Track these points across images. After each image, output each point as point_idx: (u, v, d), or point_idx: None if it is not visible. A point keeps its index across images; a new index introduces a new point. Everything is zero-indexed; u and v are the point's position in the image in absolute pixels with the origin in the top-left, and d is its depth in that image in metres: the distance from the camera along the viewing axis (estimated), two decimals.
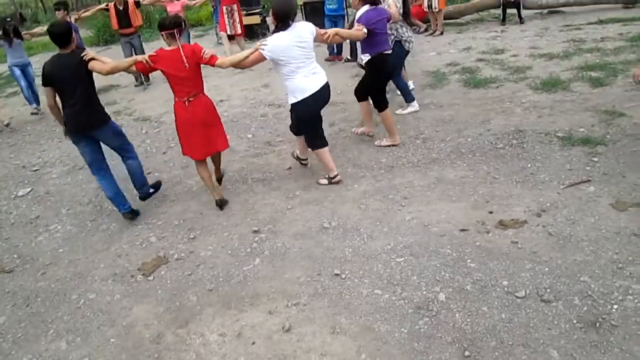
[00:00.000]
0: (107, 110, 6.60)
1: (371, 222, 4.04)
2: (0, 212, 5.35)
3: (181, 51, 4.03)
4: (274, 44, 4.10)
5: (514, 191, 4.20)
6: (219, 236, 4.20)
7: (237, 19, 9.59)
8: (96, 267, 4.08)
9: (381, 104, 5.23)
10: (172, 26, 4.05)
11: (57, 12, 8.88)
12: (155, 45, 11.38)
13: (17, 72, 8.38)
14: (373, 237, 3.84)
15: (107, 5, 9.11)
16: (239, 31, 9.66)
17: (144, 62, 4.05)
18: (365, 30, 4.73)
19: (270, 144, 5.90)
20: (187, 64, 4.05)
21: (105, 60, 4.12)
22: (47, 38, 9.54)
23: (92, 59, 4.05)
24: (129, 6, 8.93)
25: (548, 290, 3.04)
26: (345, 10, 9.50)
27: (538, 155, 4.72)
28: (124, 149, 4.57)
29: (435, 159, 4.97)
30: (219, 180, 4.92)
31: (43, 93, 7.62)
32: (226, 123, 6.60)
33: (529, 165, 4.58)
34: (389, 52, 5.06)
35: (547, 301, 2.96)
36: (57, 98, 4.25)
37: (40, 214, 5.19)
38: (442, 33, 9.89)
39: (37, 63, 12.94)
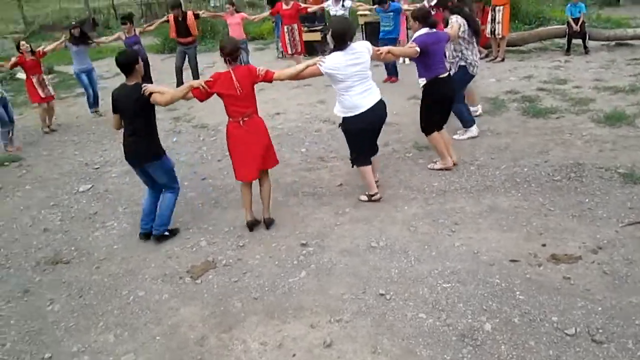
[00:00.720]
0: (168, 115, 6.86)
1: (419, 245, 4.01)
2: (62, 206, 5.62)
3: (232, 75, 4.12)
4: (332, 61, 4.22)
5: (569, 225, 4.08)
6: (267, 246, 4.26)
7: (298, 38, 9.84)
8: (147, 266, 4.21)
9: (429, 129, 5.19)
10: (229, 54, 4.15)
11: (123, 26, 9.34)
12: (214, 54, 11.69)
13: (84, 78, 8.89)
14: (420, 260, 3.81)
15: (168, 17, 9.57)
16: (299, 50, 9.91)
17: (200, 87, 4.15)
18: (417, 48, 4.75)
19: (323, 159, 5.96)
20: (239, 88, 4.12)
21: (164, 91, 4.26)
22: (115, 44, 10.02)
23: (151, 93, 4.17)
24: (188, 17, 9.36)
25: (600, 330, 2.93)
26: (406, 32, 9.55)
27: (597, 191, 4.57)
28: (169, 185, 4.60)
29: (489, 186, 4.89)
30: (267, 224, 4.59)
31: (101, 96, 7.98)
32: (280, 136, 6.77)
33: (587, 200, 4.44)
34: (445, 75, 5.05)
35: (599, 342, 2.85)
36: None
37: (98, 210, 5.41)
38: (503, 60, 9.75)
39: (107, 66, 13.61)
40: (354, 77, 4.28)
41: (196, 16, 9.66)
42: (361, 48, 4.31)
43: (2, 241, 4.98)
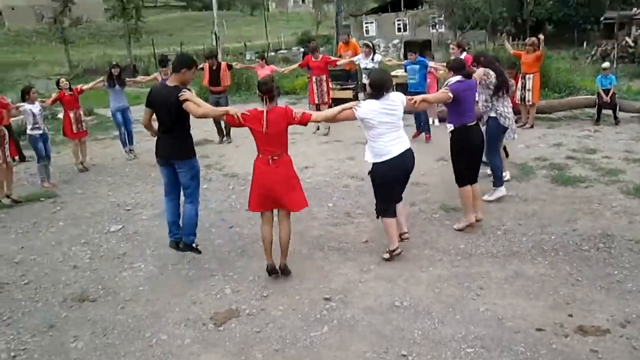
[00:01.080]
0: (199, 162, 7.05)
1: (444, 307, 3.99)
2: (92, 244, 5.75)
3: (264, 115, 4.25)
4: (367, 107, 4.43)
5: (597, 297, 4.03)
6: (291, 298, 4.28)
7: (325, 89, 10.07)
8: (171, 310, 4.26)
9: (462, 180, 5.26)
10: (265, 92, 4.32)
11: (162, 68, 9.74)
12: (248, 105, 12.07)
13: (119, 117, 9.25)
14: (444, 323, 3.78)
15: (204, 65, 9.93)
16: (327, 100, 10.11)
17: (235, 116, 4.31)
18: (450, 94, 4.91)
19: (349, 215, 6.03)
20: (265, 127, 4.23)
21: (200, 103, 4.48)
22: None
23: (187, 100, 4.37)
24: (222, 68, 9.80)
25: None
26: (436, 83, 9.68)
27: (626, 263, 4.52)
28: (190, 192, 4.77)
29: (515, 252, 4.88)
30: (284, 271, 4.62)
31: (136, 140, 8.25)
32: (308, 190, 6.83)
33: (616, 272, 4.39)
34: (473, 123, 5.17)
35: None
36: (154, 119, 4.74)
37: (127, 251, 5.53)
38: (532, 126, 9.83)
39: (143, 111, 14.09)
40: (387, 125, 4.44)
41: (229, 67, 10.07)
42: (396, 99, 4.51)
43: (32, 275, 5.11)
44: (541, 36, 9.80)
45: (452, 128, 5.19)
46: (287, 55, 35.11)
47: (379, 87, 4.42)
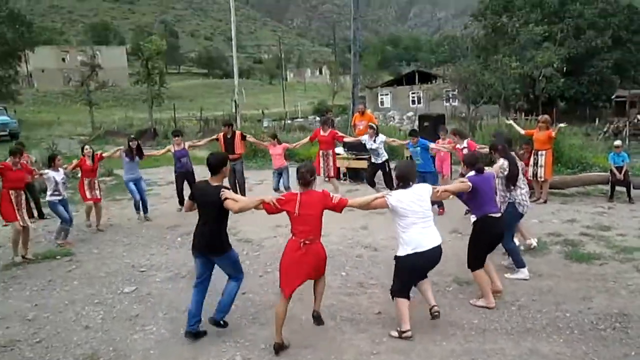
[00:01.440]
0: None
1: None
2: (105, 305, 5.79)
3: (298, 197, 4.48)
4: (399, 197, 4.60)
5: None
6: None
7: (332, 163, 10.32)
8: None
9: (476, 265, 5.29)
10: (299, 178, 4.60)
11: (174, 139, 10.04)
12: (264, 172, 12.41)
13: (132, 186, 9.46)
14: None
15: (218, 136, 10.30)
16: (332, 174, 10.37)
17: (271, 203, 4.49)
18: (470, 183, 5.08)
19: (362, 285, 6.02)
20: (297, 210, 4.43)
21: (238, 199, 4.73)
22: (169, 154, 10.64)
23: (227, 198, 4.60)
24: (236, 136, 10.10)
25: None
26: (450, 168, 9.88)
27: None
28: (236, 277, 4.98)
29: (529, 329, 4.82)
30: (316, 319, 4.92)
31: (152, 203, 8.41)
32: None
33: (633, 353, 4.32)
34: (496, 215, 5.27)
35: None
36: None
37: (140, 312, 5.55)
38: (545, 201, 9.88)
39: (162, 174, 14.43)
40: (417, 214, 4.57)
41: (243, 137, 10.34)
42: (423, 189, 4.72)
43: (44, 333, 5.13)
44: (561, 125, 10.16)
45: (475, 219, 5.36)
46: (304, 123, 35.97)
47: (405, 178, 4.67)
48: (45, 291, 6.29)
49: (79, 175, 9.38)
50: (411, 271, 4.69)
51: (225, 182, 4.90)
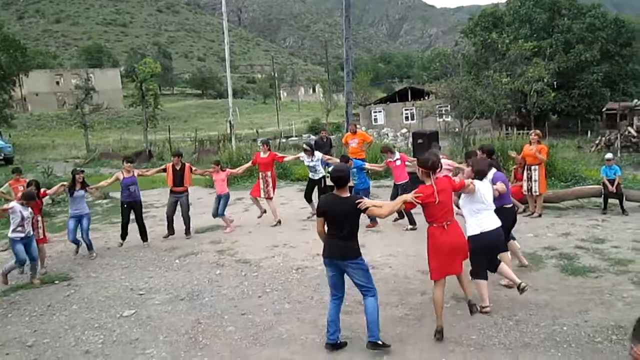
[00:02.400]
0: (212, 247, 7.21)
1: None
2: (105, 329, 5.79)
3: (434, 186, 4.94)
4: (479, 185, 5.52)
5: None
6: None
7: (271, 184, 10.45)
8: None
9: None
10: (430, 167, 5.01)
11: (125, 165, 9.38)
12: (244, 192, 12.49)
13: (71, 224, 8.67)
14: None
15: (166, 166, 9.95)
16: (271, 195, 10.49)
17: (413, 201, 4.89)
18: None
19: (361, 303, 5.98)
20: (437, 198, 4.90)
21: (380, 204, 5.11)
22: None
23: (367, 207, 4.83)
24: (185, 168, 9.75)
25: None
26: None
27: None
28: (369, 287, 4.96)
29: (527, 343, 4.87)
30: (471, 307, 5.25)
31: (149, 224, 8.38)
32: (320, 277, 6.93)
33: None
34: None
35: None
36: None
37: (139, 336, 5.56)
38: (540, 215, 9.97)
39: (158, 195, 14.46)
40: (487, 202, 5.54)
41: (191, 170, 9.98)
42: (489, 185, 5.72)
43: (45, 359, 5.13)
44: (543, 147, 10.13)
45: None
46: (298, 142, 36.13)
47: (482, 172, 5.68)
48: (45, 316, 6.29)
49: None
50: (482, 249, 5.44)
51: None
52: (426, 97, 36.61)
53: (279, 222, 10.39)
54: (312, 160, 10.53)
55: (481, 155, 6.66)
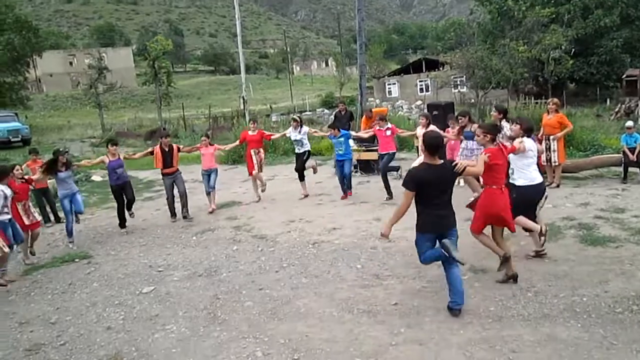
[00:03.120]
0: (228, 224, 7.19)
1: None
2: (125, 305, 5.88)
3: (503, 149, 5.42)
4: (528, 143, 5.96)
5: None
6: None
7: (260, 160, 10.53)
8: None
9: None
10: (495, 133, 5.58)
11: (110, 148, 9.13)
12: (275, 168, 12.36)
13: (67, 205, 8.55)
14: None
15: (153, 149, 9.70)
16: (261, 170, 10.63)
17: (486, 163, 5.17)
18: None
19: (378, 277, 6.05)
20: (506, 159, 5.45)
21: (473, 163, 5.31)
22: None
23: (464, 167, 4.95)
24: (173, 150, 9.58)
25: None
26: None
27: None
28: (451, 261, 4.89)
29: (547, 314, 4.83)
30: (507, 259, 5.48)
31: (162, 203, 8.38)
32: (337, 251, 6.97)
33: None
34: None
35: None
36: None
37: (159, 312, 5.63)
38: (558, 186, 9.82)
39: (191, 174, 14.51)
40: (534, 157, 6.07)
41: (178, 149, 9.81)
42: (531, 140, 6.11)
43: (68, 336, 5.23)
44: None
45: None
46: (312, 116, 35.96)
47: (530, 129, 6.15)
48: (66, 294, 6.40)
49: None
50: (525, 199, 5.85)
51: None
52: (441, 68, 36.17)
53: (261, 191, 10.69)
54: (299, 134, 10.53)
55: (497, 116, 6.82)
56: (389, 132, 9.76)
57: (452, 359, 4.17)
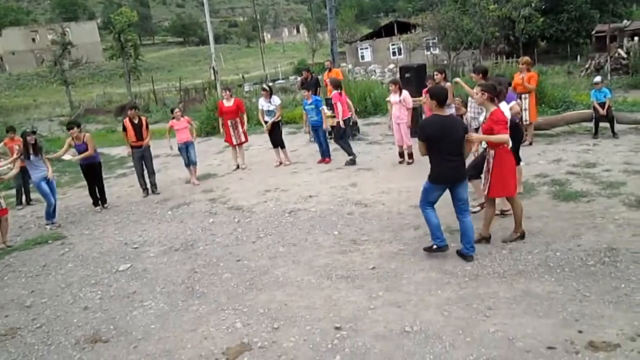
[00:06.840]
0: (204, 196, 7.04)
1: (453, 330, 4.01)
2: (102, 284, 5.80)
3: (507, 114, 5.48)
4: (503, 108, 5.68)
5: (605, 312, 4.05)
6: (302, 329, 4.31)
7: (241, 130, 10.46)
8: (183, 347, 4.29)
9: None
10: (498, 93, 5.46)
11: (71, 131, 8.74)
12: (251, 137, 12.28)
13: (45, 187, 8.21)
14: (455, 346, 3.81)
15: (124, 122, 9.43)
16: (243, 140, 10.59)
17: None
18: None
19: (355, 242, 6.07)
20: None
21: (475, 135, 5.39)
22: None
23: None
24: (143, 123, 9.36)
25: None
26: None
27: (633, 276, 4.54)
28: (463, 208, 5.23)
29: (521, 270, 4.91)
30: (523, 236, 5.58)
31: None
32: (314, 218, 6.95)
33: (623, 285, 4.42)
34: None
35: None
36: None
37: (137, 289, 5.57)
38: (531, 143, 9.91)
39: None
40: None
41: (147, 124, 9.55)
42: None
43: (44, 318, 5.15)
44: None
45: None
46: (285, 84, 35.56)
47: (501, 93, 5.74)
48: (41, 276, 6.28)
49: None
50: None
51: None
52: (413, 31, 35.81)
53: (238, 166, 10.67)
54: (270, 104, 10.40)
55: (477, 77, 6.63)
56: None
57: (430, 320, 4.21)
